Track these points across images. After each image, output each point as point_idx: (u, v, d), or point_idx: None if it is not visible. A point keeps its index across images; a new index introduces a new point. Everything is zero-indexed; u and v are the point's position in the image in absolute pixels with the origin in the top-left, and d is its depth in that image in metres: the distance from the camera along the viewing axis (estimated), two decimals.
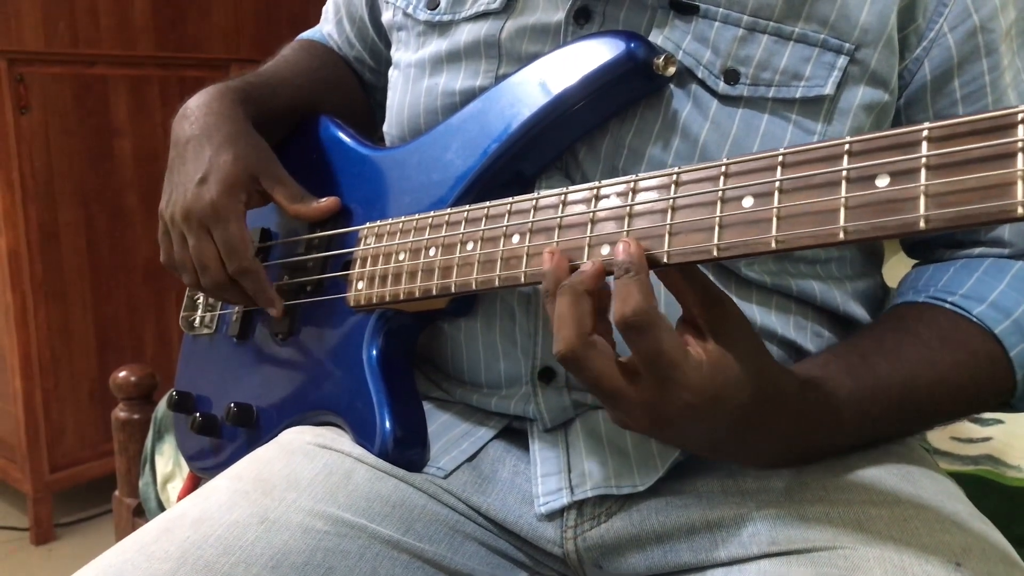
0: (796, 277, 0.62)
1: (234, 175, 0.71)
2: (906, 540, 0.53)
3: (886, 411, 0.57)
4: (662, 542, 0.61)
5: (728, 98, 0.59)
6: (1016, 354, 0.58)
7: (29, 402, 2.01)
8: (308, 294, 0.75)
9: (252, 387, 0.80)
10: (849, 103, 0.59)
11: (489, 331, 0.68)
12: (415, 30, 0.74)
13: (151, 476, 1.23)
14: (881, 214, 0.41)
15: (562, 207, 0.54)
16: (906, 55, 0.60)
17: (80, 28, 2.01)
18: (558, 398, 0.66)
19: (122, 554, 0.59)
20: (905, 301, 0.63)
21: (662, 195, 0.49)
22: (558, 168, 0.64)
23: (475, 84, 0.68)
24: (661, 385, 0.48)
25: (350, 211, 0.75)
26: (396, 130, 0.75)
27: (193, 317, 0.89)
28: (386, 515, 0.63)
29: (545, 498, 0.64)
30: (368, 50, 0.91)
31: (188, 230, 0.72)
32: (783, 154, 0.45)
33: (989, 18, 0.59)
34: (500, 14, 0.67)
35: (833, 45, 0.58)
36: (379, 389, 0.67)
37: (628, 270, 0.48)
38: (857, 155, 0.42)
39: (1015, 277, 0.60)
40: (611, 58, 0.59)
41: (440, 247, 0.62)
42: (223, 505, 0.61)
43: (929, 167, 0.40)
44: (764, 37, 0.59)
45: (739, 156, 0.47)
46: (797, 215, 0.44)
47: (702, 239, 0.47)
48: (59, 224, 2.03)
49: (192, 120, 0.75)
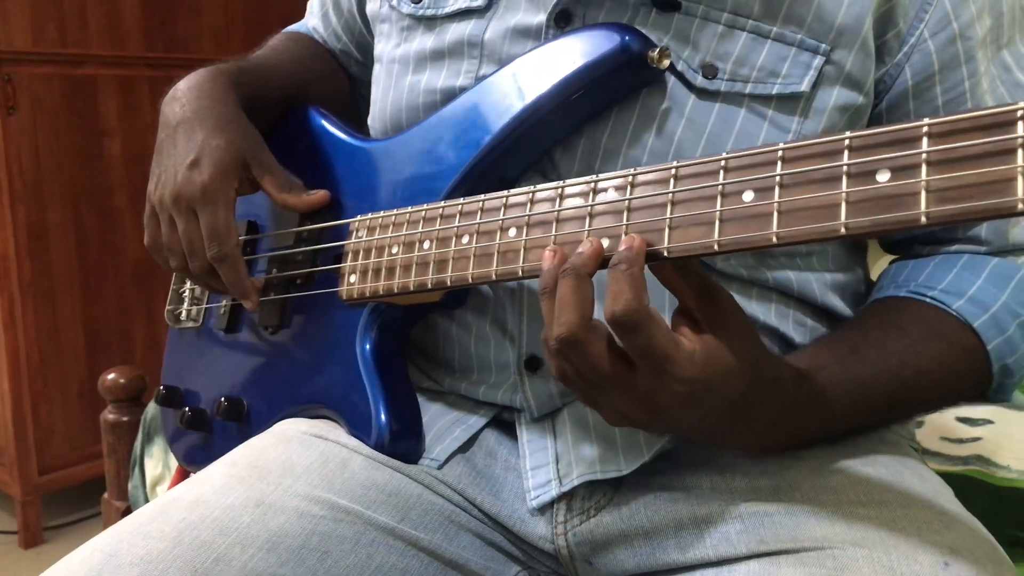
0: (773, 269, 0.63)
1: (227, 160, 0.71)
2: (894, 540, 0.53)
3: (874, 401, 0.59)
4: (650, 537, 0.62)
5: (705, 92, 0.60)
6: (993, 347, 0.60)
7: (17, 404, 2.00)
8: (297, 287, 0.75)
9: (242, 381, 0.80)
10: (824, 103, 0.60)
11: (477, 320, 0.68)
12: (399, 23, 0.74)
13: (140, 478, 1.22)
14: (882, 209, 0.41)
15: (559, 200, 0.54)
16: (887, 59, 0.61)
17: (69, 28, 2.00)
18: (545, 386, 0.66)
19: (117, 534, 0.59)
20: (887, 295, 0.64)
21: (661, 189, 0.49)
22: (536, 170, 0.65)
23: (456, 84, 0.68)
24: (655, 376, 0.49)
25: (340, 203, 0.74)
26: (379, 125, 0.75)
27: (179, 311, 0.88)
28: (381, 503, 0.63)
29: (536, 491, 0.64)
30: (355, 43, 0.91)
31: (177, 213, 0.71)
32: (783, 148, 0.45)
33: (967, 25, 0.60)
34: (483, 12, 0.67)
35: (809, 45, 0.59)
36: (374, 383, 0.67)
37: (622, 263, 0.48)
38: (857, 150, 0.43)
39: (992, 272, 0.62)
40: (606, 50, 0.59)
41: (435, 240, 0.62)
42: (219, 489, 0.61)
43: (930, 163, 0.40)
44: (743, 34, 0.60)
45: (738, 151, 0.47)
46: (798, 210, 0.44)
47: (702, 233, 0.47)
48: (48, 225, 2.02)
49: (183, 102, 0.74)
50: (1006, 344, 0.60)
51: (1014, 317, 0.60)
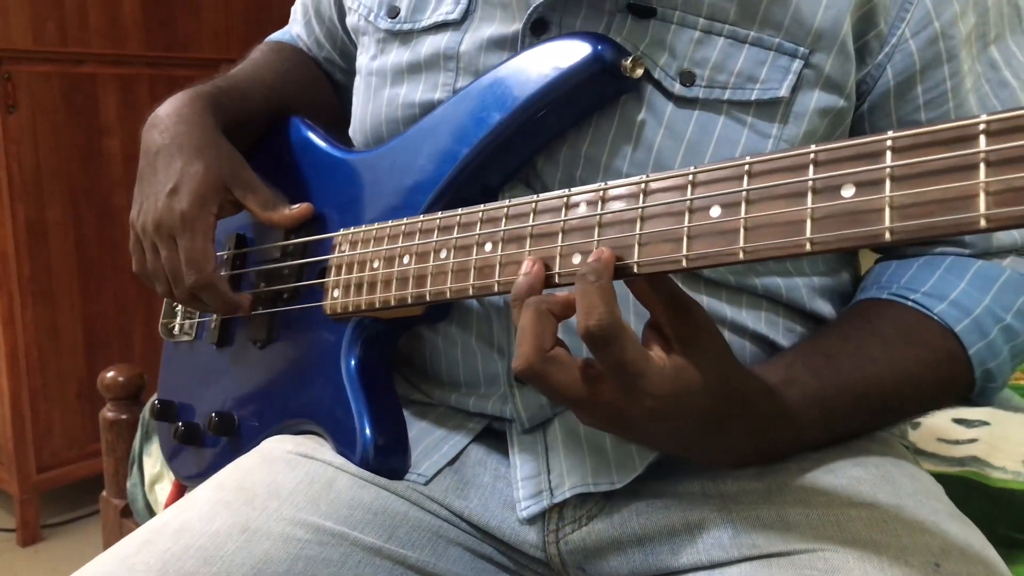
0: (761, 275, 0.63)
1: (205, 186, 0.71)
2: (885, 541, 0.53)
3: (850, 410, 0.59)
4: (643, 544, 0.62)
5: (684, 100, 0.60)
6: (975, 352, 0.59)
7: (16, 402, 2.00)
8: (285, 301, 0.75)
9: (233, 395, 0.79)
10: (804, 107, 0.59)
11: (466, 332, 0.68)
12: (375, 36, 0.74)
13: (139, 477, 1.22)
14: (847, 225, 0.41)
15: (533, 215, 0.54)
16: (868, 60, 0.60)
17: (69, 26, 2.01)
18: (535, 397, 0.66)
19: (103, 566, 0.59)
20: (869, 296, 0.64)
21: (631, 204, 0.49)
22: (519, 179, 0.64)
23: (433, 97, 0.68)
24: (624, 391, 0.49)
25: (324, 216, 0.74)
26: (360, 137, 0.75)
27: (173, 324, 0.89)
28: (368, 522, 0.63)
29: (526, 502, 0.64)
30: (338, 51, 0.91)
31: (159, 241, 0.72)
32: (750, 163, 0.45)
33: (949, 24, 0.60)
34: (459, 24, 0.67)
35: (788, 49, 0.59)
36: (359, 398, 0.67)
37: (591, 274, 0.48)
38: (823, 164, 0.42)
39: (975, 275, 0.61)
40: (579, 60, 0.59)
41: (414, 255, 0.62)
42: (204, 515, 0.61)
43: (894, 178, 0.40)
44: (720, 40, 0.59)
45: (706, 165, 0.47)
46: (764, 226, 0.44)
47: (671, 249, 0.47)
48: (47, 223, 2.02)
49: (161, 129, 0.74)
50: (988, 348, 0.60)
51: (996, 321, 0.60)
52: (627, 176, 0.51)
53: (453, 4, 0.67)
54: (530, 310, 0.49)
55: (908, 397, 0.60)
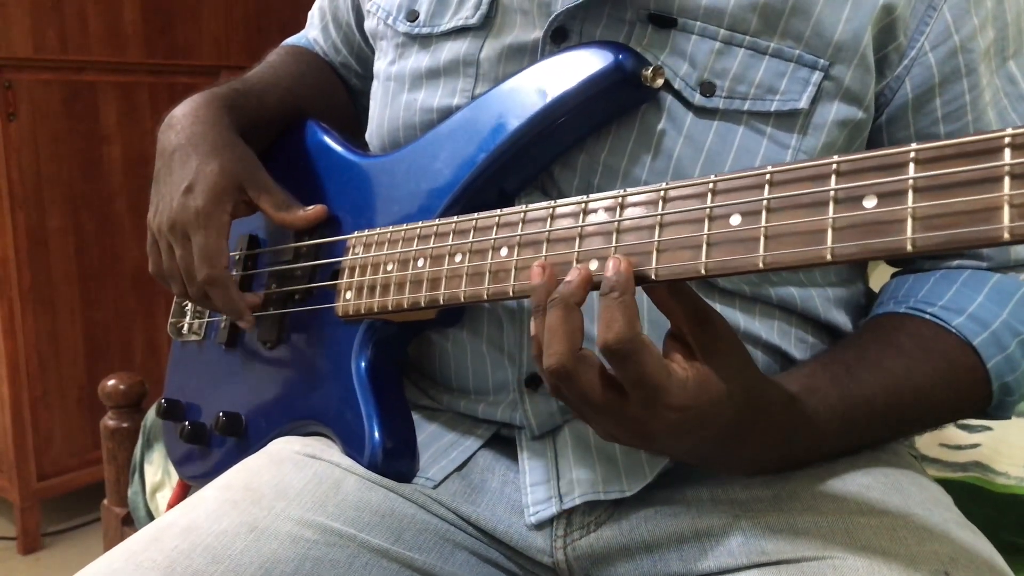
0: (776, 285, 0.63)
1: (220, 185, 0.71)
2: (894, 549, 0.53)
3: (870, 421, 0.59)
4: (651, 551, 0.62)
5: (704, 110, 0.60)
6: (993, 365, 0.60)
7: (17, 410, 2.00)
8: (296, 303, 0.75)
9: (241, 395, 0.79)
10: (823, 118, 0.60)
11: (476, 338, 0.68)
12: (394, 40, 0.74)
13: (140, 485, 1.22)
14: (868, 235, 0.41)
15: (550, 220, 0.54)
16: (887, 73, 0.61)
17: (69, 34, 2.01)
18: (545, 404, 0.66)
19: (110, 563, 0.59)
20: (886, 311, 0.64)
21: (650, 211, 0.49)
22: (536, 186, 0.65)
23: (452, 103, 0.68)
24: (646, 404, 0.48)
25: (338, 219, 0.74)
26: (377, 141, 0.75)
27: (181, 324, 0.89)
28: (375, 524, 0.63)
29: (534, 508, 0.64)
30: (354, 56, 0.91)
31: (174, 239, 0.72)
32: (771, 172, 0.45)
33: (969, 38, 0.60)
34: (479, 30, 0.67)
35: (808, 61, 0.59)
36: (368, 401, 0.67)
37: (614, 290, 0.47)
38: (845, 175, 0.42)
39: (993, 289, 0.61)
40: (599, 69, 0.59)
41: (428, 258, 0.62)
42: (212, 514, 0.61)
43: (916, 189, 0.40)
44: (740, 51, 0.59)
45: (726, 173, 0.47)
46: (784, 235, 0.44)
47: (690, 257, 0.47)
48: (48, 231, 2.02)
49: (178, 130, 0.75)
50: (1006, 362, 0.60)
51: (1014, 335, 0.60)
52: (646, 185, 0.51)
53: (473, 9, 0.67)
54: (559, 308, 0.49)
55: (926, 409, 0.60)
